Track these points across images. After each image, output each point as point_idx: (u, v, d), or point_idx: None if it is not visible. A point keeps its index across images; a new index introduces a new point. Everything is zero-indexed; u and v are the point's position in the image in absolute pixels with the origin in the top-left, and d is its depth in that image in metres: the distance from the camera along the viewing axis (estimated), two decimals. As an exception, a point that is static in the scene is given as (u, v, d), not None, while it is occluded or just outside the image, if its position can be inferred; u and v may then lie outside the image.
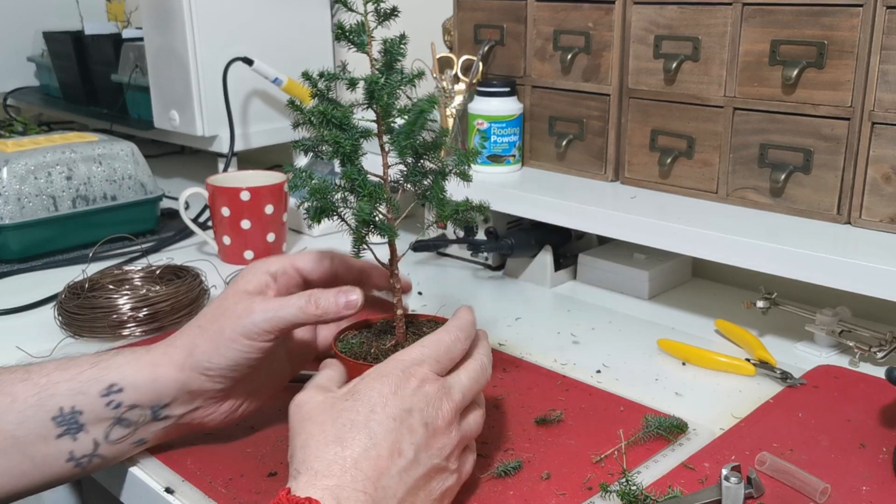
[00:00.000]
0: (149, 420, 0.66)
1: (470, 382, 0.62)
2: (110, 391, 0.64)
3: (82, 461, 0.65)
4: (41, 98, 2.08)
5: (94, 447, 0.65)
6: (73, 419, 0.64)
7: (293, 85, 1.43)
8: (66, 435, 0.64)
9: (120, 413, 0.65)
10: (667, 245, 0.92)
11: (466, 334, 0.63)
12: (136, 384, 0.65)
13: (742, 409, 0.77)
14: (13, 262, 1.18)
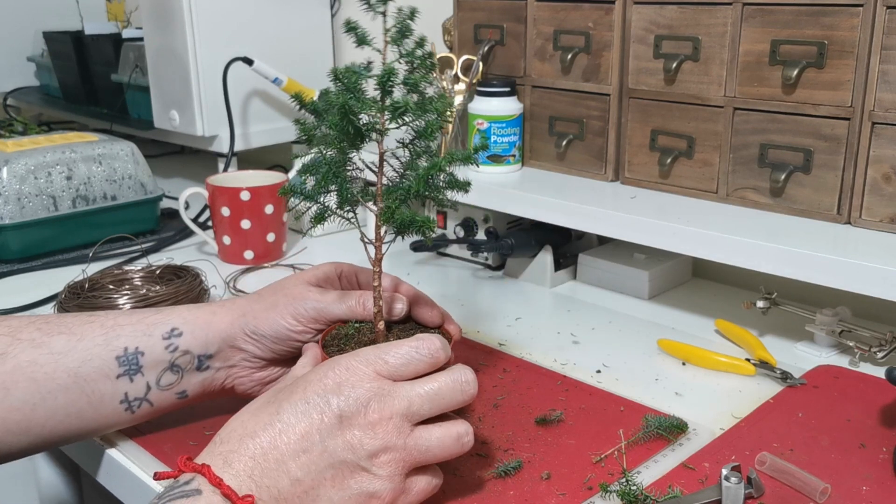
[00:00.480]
0: (193, 368, 0.69)
1: (427, 394, 0.59)
2: (172, 334, 0.68)
3: (133, 404, 0.68)
4: (41, 98, 2.08)
5: (146, 391, 0.68)
6: (135, 360, 0.67)
7: (293, 85, 1.43)
8: (125, 375, 0.67)
9: (174, 357, 0.68)
10: (667, 245, 0.92)
11: (430, 352, 0.60)
12: (193, 329, 0.69)
13: (742, 409, 0.77)
14: (13, 262, 1.18)
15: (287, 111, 1.52)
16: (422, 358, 0.60)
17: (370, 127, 0.63)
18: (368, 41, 0.63)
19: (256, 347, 0.70)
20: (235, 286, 1.09)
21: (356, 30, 0.63)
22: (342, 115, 0.61)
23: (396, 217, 0.63)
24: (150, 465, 0.69)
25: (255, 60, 1.40)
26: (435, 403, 0.59)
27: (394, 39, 0.62)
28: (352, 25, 0.63)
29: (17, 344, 0.65)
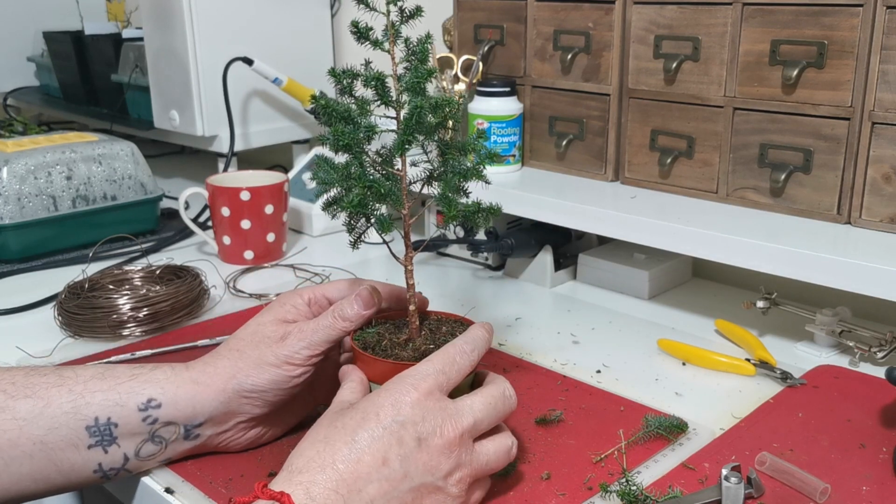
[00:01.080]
0: (180, 438, 0.66)
1: (485, 408, 0.60)
2: (148, 406, 0.64)
3: (109, 473, 0.65)
4: (41, 98, 2.08)
5: (124, 461, 0.65)
6: (108, 431, 0.63)
7: (293, 85, 1.43)
8: (97, 446, 0.63)
9: (155, 429, 0.65)
10: (667, 245, 0.92)
11: (473, 347, 0.62)
12: (175, 400, 0.65)
13: (742, 409, 0.77)
14: (13, 262, 1.18)
15: (287, 111, 1.52)
16: (473, 362, 0.62)
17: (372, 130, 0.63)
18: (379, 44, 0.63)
19: (255, 405, 0.67)
20: (235, 286, 1.09)
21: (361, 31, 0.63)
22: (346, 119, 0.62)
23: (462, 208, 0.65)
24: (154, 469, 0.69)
25: (255, 60, 1.40)
26: (492, 417, 0.61)
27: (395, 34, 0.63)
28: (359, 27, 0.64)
29: None
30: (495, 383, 0.62)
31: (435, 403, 0.58)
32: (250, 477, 0.67)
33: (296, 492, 0.53)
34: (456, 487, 0.58)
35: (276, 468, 0.67)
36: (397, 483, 0.56)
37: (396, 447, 0.56)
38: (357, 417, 0.57)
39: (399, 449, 0.56)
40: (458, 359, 0.61)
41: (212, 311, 1.00)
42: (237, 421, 0.68)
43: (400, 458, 0.56)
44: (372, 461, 0.55)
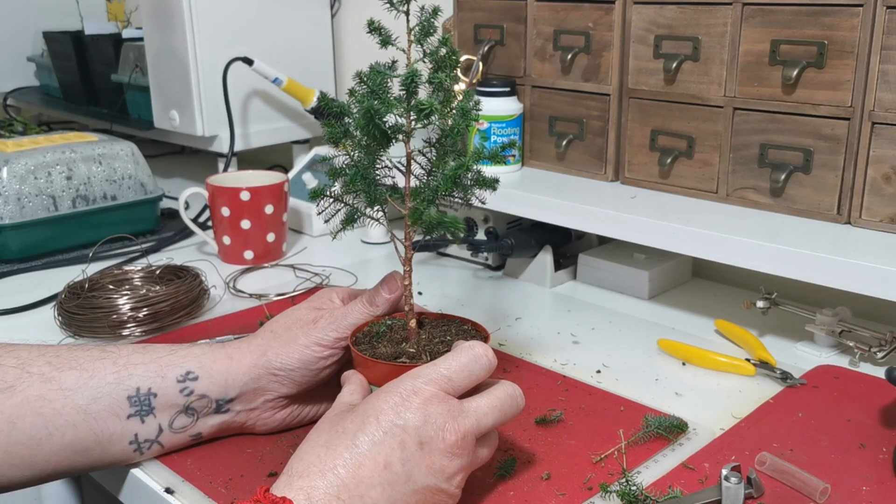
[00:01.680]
0: (211, 412, 0.69)
1: (490, 410, 0.60)
2: (186, 378, 0.67)
3: (143, 445, 0.67)
4: (41, 98, 2.08)
5: (158, 433, 0.67)
6: (148, 401, 0.66)
7: (293, 85, 1.43)
8: (136, 416, 0.66)
9: (189, 401, 0.67)
10: (667, 245, 0.92)
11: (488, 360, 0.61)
12: (211, 374, 0.68)
13: (742, 409, 0.77)
14: (13, 262, 1.18)
15: (287, 111, 1.52)
16: (482, 368, 0.61)
17: (396, 129, 0.63)
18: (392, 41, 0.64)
19: (282, 384, 0.69)
20: (235, 286, 1.09)
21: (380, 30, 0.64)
22: (367, 119, 0.62)
23: (425, 218, 0.64)
24: (151, 465, 0.69)
25: (255, 60, 1.40)
26: (498, 419, 0.60)
27: (417, 39, 0.63)
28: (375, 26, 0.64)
29: (26, 378, 0.63)
30: (503, 386, 0.62)
31: (437, 406, 0.58)
32: (250, 477, 0.67)
33: (297, 497, 0.53)
34: (458, 487, 0.59)
35: (277, 468, 0.67)
36: (400, 486, 0.56)
37: (398, 451, 0.56)
38: (357, 421, 0.57)
39: (401, 453, 0.56)
40: (471, 365, 0.60)
41: (212, 311, 1.00)
42: (265, 399, 0.70)
43: (402, 462, 0.56)
44: (374, 465, 0.55)
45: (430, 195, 0.65)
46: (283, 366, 0.69)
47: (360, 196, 0.66)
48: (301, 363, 0.69)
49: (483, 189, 0.67)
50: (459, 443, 0.58)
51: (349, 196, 0.67)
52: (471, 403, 0.60)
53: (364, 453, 0.55)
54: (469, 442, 0.58)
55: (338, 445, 0.56)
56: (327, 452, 0.56)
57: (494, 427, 0.61)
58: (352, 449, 0.56)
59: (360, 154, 0.66)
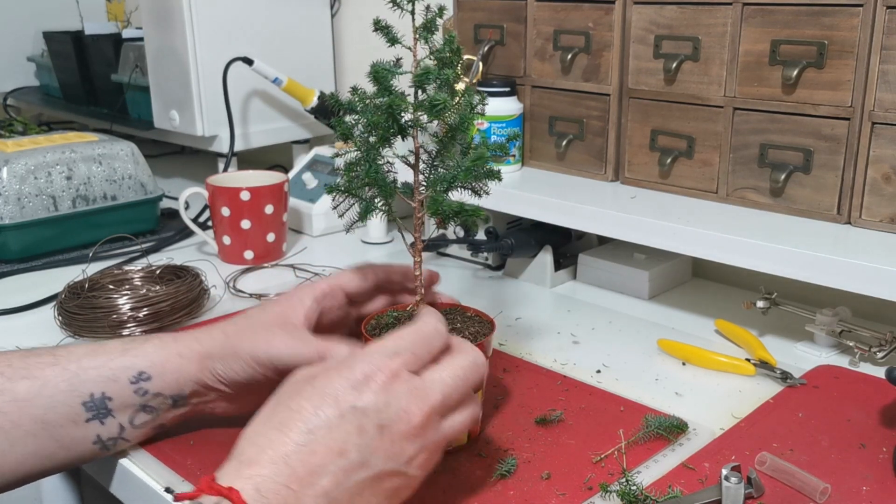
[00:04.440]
0: (169, 407, 0.69)
1: (454, 381, 0.57)
2: (139, 378, 0.67)
3: (108, 443, 0.68)
4: (41, 98, 2.08)
5: (120, 431, 0.68)
6: (103, 405, 0.66)
7: (293, 85, 1.43)
8: (94, 419, 0.66)
9: (146, 400, 0.68)
10: (667, 245, 0.92)
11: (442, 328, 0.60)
12: (162, 374, 0.68)
13: (742, 409, 0.77)
14: (13, 262, 1.18)
15: (287, 111, 1.52)
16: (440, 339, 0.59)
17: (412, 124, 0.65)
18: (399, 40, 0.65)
19: (225, 387, 0.69)
20: (235, 286, 1.09)
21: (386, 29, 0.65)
22: (388, 114, 0.63)
23: (444, 207, 0.65)
24: (153, 467, 0.69)
25: (255, 60, 1.40)
26: (463, 390, 0.58)
27: (422, 35, 0.64)
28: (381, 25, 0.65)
29: None
30: (464, 352, 0.60)
31: (401, 385, 0.55)
32: (250, 477, 0.67)
33: (245, 487, 0.50)
34: (418, 470, 0.56)
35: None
36: (355, 473, 0.53)
37: (356, 437, 0.53)
38: (315, 400, 0.54)
39: (358, 438, 0.53)
40: (432, 338, 0.59)
41: (212, 311, 1.00)
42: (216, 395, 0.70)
43: (358, 448, 0.53)
44: (327, 452, 0.52)
45: (447, 185, 0.66)
46: (223, 375, 0.68)
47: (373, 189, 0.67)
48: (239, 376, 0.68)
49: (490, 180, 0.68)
50: (423, 423, 0.55)
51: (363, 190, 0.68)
52: (433, 376, 0.57)
53: (318, 440, 0.52)
54: (433, 421, 0.56)
55: (291, 429, 0.53)
56: (279, 436, 0.53)
57: (460, 401, 0.58)
58: (305, 434, 0.52)
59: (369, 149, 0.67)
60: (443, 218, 0.67)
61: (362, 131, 0.66)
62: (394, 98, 0.64)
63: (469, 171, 0.66)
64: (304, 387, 0.56)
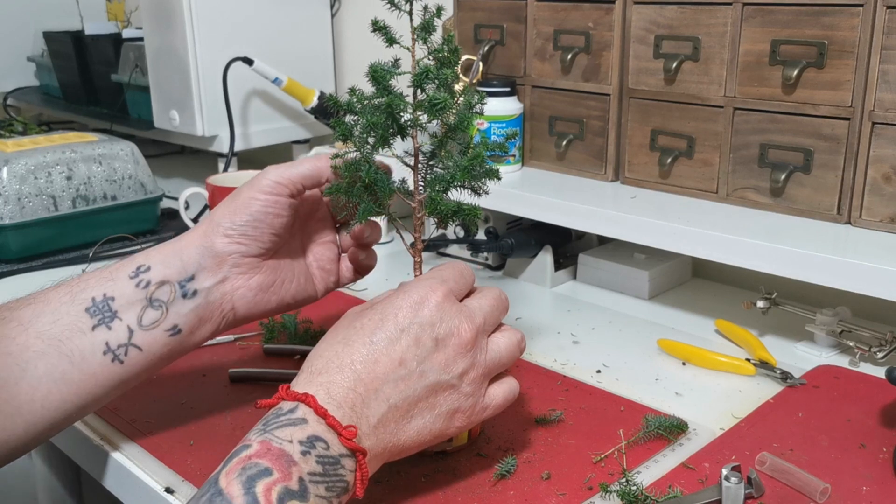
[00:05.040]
0: (179, 298, 0.66)
1: (490, 307, 0.63)
2: (138, 272, 0.66)
3: (118, 352, 0.64)
4: (41, 98, 2.08)
5: (129, 334, 0.64)
6: (106, 306, 0.64)
7: (293, 85, 1.43)
8: (100, 325, 0.64)
9: (150, 293, 0.65)
10: (667, 245, 0.92)
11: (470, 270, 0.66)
12: (162, 259, 0.67)
13: (742, 409, 0.77)
14: (13, 262, 1.18)
15: (287, 111, 1.52)
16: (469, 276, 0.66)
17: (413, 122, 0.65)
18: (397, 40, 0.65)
19: (240, 244, 0.68)
20: (235, 286, 1.09)
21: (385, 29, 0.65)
22: (388, 114, 0.64)
23: (442, 207, 0.66)
24: (153, 467, 0.69)
25: (255, 60, 1.40)
26: (497, 314, 0.64)
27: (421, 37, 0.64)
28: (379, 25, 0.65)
29: None
30: (489, 289, 0.66)
31: (451, 305, 0.61)
32: (250, 477, 0.67)
33: (318, 392, 0.56)
34: (469, 386, 0.61)
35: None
36: (413, 382, 0.58)
37: (414, 348, 0.59)
38: (376, 318, 0.60)
39: (416, 349, 0.59)
40: (465, 272, 0.65)
41: (212, 311, 1.00)
42: (230, 265, 0.68)
43: (417, 359, 0.59)
44: (389, 361, 0.58)
45: (446, 184, 0.66)
46: (232, 223, 0.68)
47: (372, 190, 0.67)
48: (248, 215, 0.68)
49: (489, 179, 0.68)
50: (472, 339, 0.61)
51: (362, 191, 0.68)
52: (474, 303, 0.63)
53: (380, 350, 0.58)
54: (481, 339, 0.62)
55: (355, 342, 0.59)
56: (344, 349, 0.59)
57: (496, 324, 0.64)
58: (368, 346, 0.58)
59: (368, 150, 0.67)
60: (441, 218, 0.67)
61: (361, 132, 0.66)
62: (393, 98, 0.64)
63: (467, 170, 0.66)
64: (365, 311, 0.62)
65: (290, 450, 0.53)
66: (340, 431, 0.54)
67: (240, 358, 0.88)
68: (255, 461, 0.52)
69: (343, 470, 0.54)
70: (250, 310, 0.70)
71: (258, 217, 0.68)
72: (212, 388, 0.81)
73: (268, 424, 0.55)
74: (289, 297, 0.72)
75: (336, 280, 0.77)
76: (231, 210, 0.69)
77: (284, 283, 0.72)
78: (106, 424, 0.75)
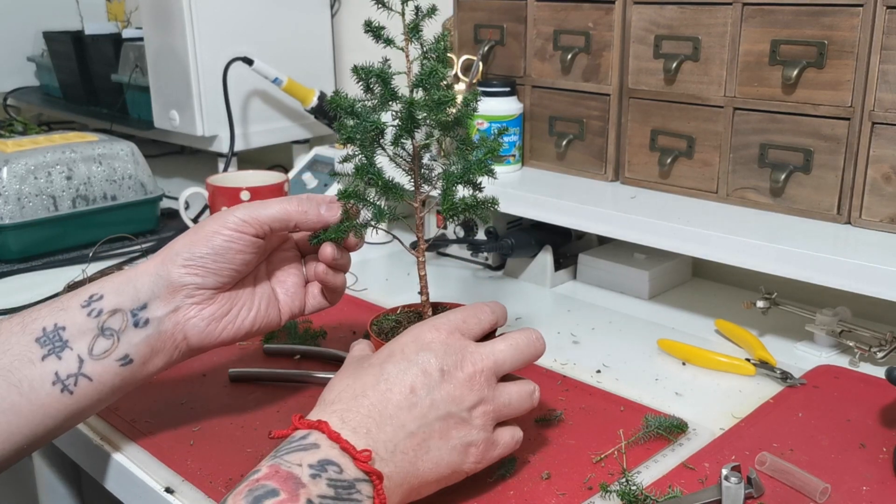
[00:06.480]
0: (130, 327, 0.64)
1: (508, 350, 0.63)
2: (90, 301, 0.64)
3: (68, 382, 0.62)
4: (41, 98, 2.08)
5: (79, 364, 0.62)
6: (57, 336, 0.62)
7: (293, 85, 1.43)
8: (51, 355, 0.62)
9: (101, 321, 0.63)
10: (667, 245, 0.92)
11: (492, 308, 0.66)
12: (115, 288, 0.65)
13: (742, 409, 0.77)
14: (13, 262, 1.18)
15: (287, 111, 1.52)
16: (488, 316, 0.66)
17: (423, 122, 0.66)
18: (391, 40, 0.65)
19: (197, 275, 0.66)
20: (235, 286, 1.09)
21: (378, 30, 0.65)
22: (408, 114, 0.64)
23: (458, 203, 0.67)
24: (153, 467, 0.69)
25: (255, 60, 1.40)
26: (516, 360, 0.64)
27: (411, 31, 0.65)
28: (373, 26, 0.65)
29: None
30: (524, 331, 0.65)
31: (456, 341, 0.62)
32: (250, 477, 0.67)
33: (331, 419, 0.56)
34: (480, 420, 0.61)
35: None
36: (426, 410, 0.59)
37: (422, 377, 0.59)
38: (383, 354, 0.61)
39: (424, 379, 0.59)
40: (478, 312, 0.65)
41: (212, 311, 1.00)
42: (184, 295, 0.66)
43: (426, 388, 0.59)
44: (400, 390, 0.59)
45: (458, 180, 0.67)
46: (191, 254, 0.66)
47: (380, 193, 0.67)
48: (209, 248, 0.66)
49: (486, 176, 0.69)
50: (477, 376, 0.61)
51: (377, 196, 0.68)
52: (488, 345, 0.63)
53: (391, 379, 0.59)
54: (488, 377, 0.61)
55: (365, 375, 0.60)
56: (355, 381, 0.60)
57: (512, 368, 0.64)
58: (378, 376, 0.60)
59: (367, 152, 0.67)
60: (454, 214, 0.68)
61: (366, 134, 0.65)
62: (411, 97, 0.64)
63: (481, 163, 0.67)
64: (368, 356, 0.64)
65: (298, 472, 0.52)
66: (355, 455, 0.54)
67: (240, 358, 0.88)
68: (262, 483, 0.52)
69: (359, 495, 0.54)
70: (203, 340, 0.68)
71: (219, 251, 0.66)
72: (212, 388, 0.82)
73: (279, 451, 0.55)
74: (247, 325, 0.70)
75: (301, 307, 0.74)
76: (192, 241, 0.67)
77: (241, 312, 0.69)
78: (106, 424, 0.75)
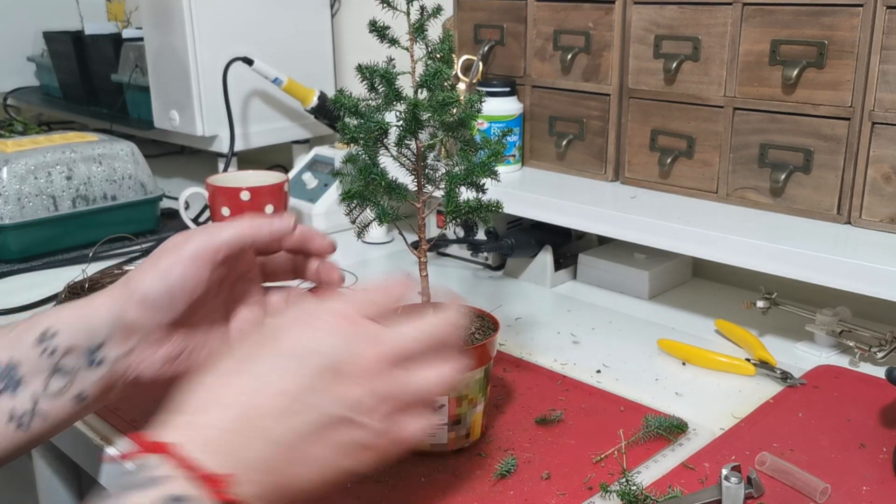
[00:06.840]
0: (84, 366, 0.62)
1: (415, 332, 0.55)
2: (44, 337, 0.61)
3: (23, 420, 0.60)
4: (41, 98, 2.08)
5: (34, 402, 0.61)
6: (10, 374, 0.60)
7: (293, 85, 1.43)
8: (5, 392, 0.60)
9: (56, 360, 0.61)
10: (667, 245, 0.92)
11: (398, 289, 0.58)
12: (70, 324, 0.62)
13: (742, 409, 0.77)
14: (13, 262, 1.18)
15: (287, 111, 1.52)
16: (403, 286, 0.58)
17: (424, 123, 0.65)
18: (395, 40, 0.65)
19: (150, 315, 0.63)
20: (235, 286, 1.09)
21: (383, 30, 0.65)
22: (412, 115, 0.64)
23: (462, 205, 0.67)
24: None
25: (255, 60, 1.40)
26: (425, 346, 0.55)
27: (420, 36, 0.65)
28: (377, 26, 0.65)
29: None
30: (442, 312, 0.57)
31: (350, 327, 0.53)
32: (250, 477, 0.67)
33: (182, 438, 0.48)
34: (371, 420, 0.52)
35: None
36: (303, 416, 0.50)
37: (301, 376, 0.51)
38: (255, 343, 0.53)
39: (303, 378, 0.51)
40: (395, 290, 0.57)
41: (212, 311, 1.00)
42: (140, 337, 0.64)
43: (301, 389, 0.50)
44: (270, 393, 0.50)
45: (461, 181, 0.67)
46: (145, 294, 0.62)
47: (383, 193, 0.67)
48: (165, 285, 0.63)
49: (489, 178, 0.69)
50: (373, 368, 0.52)
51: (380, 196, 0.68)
52: (395, 327, 0.54)
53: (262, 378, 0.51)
54: (385, 369, 0.53)
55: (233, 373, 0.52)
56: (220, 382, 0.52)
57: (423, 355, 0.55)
58: (247, 375, 0.51)
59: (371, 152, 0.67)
60: (458, 216, 0.67)
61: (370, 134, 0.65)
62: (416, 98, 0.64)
63: (485, 165, 0.67)
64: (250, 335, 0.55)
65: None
66: (212, 485, 0.46)
67: (240, 358, 0.88)
68: None
69: None
70: (156, 380, 0.66)
71: (175, 285, 0.63)
72: (212, 388, 0.81)
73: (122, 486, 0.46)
74: (200, 363, 0.67)
75: None
76: (150, 277, 0.63)
77: (194, 352, 0.67)
78: (106, 424, 0.75)
